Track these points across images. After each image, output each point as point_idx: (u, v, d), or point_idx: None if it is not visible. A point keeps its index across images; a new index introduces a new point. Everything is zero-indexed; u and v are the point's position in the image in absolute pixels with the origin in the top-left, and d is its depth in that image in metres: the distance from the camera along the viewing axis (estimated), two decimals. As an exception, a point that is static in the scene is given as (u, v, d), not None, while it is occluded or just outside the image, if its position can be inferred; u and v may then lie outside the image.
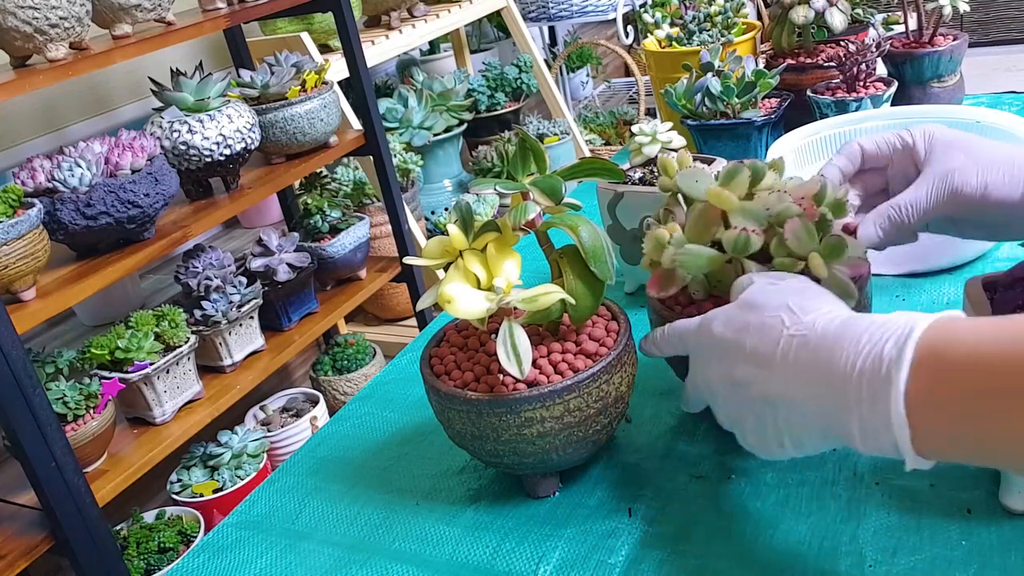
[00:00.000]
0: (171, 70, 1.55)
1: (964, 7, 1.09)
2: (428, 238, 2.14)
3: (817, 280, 0.57)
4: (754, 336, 0.51)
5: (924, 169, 0.63)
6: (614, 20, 3.03)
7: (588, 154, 2.79)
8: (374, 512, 0.69)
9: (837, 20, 1.18)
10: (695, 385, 0.58)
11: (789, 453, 0.51)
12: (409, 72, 2.64)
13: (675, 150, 0.83)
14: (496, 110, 2.78)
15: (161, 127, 1.50)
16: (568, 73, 3.45)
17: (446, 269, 0.62)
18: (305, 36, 1.95)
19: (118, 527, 1.58)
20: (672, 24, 1.32)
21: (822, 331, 0.47)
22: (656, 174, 0.87)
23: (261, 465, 1.73)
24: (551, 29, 3.59)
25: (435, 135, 2.49)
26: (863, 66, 1.08)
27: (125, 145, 1.37)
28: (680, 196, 0.66)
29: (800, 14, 1.17)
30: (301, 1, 1.74)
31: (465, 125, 2.61)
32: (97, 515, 1.26)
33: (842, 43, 1.21)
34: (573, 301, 0.61)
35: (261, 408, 1.97)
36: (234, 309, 1.60)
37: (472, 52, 3.04)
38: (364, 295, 1.94)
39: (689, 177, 0.62)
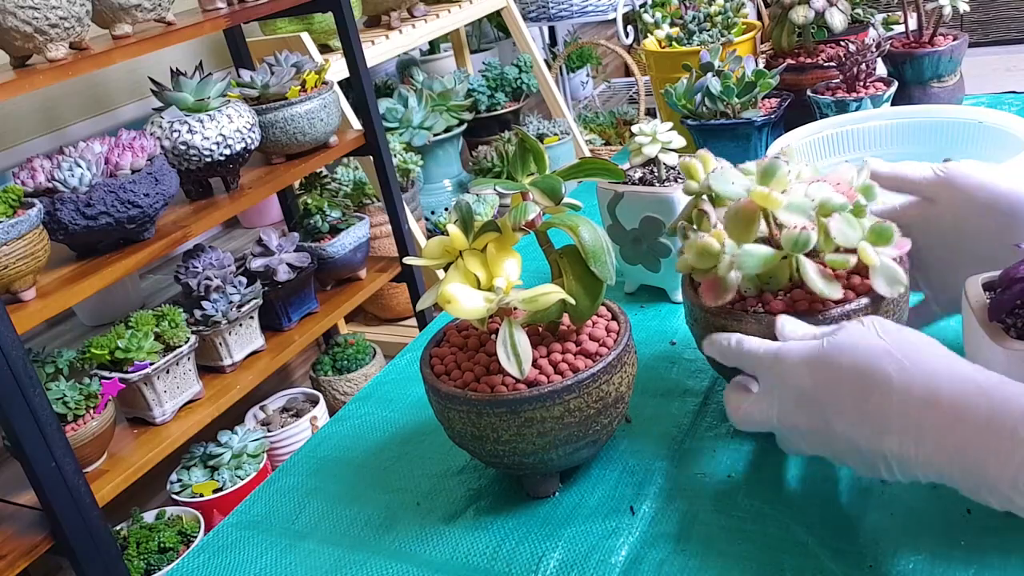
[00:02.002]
0: (171, 70, 1.55)
1: (964, 7, 1.09)
2: (428, 238, 2.14)
3: (865, 269, 0.59)
4: (857, 394, 0.50)
5: None
6: (614, 20, 3.03)
7: (588, 154, 2.79)
8: (374, 512, 0.69)
9: (837, 20, 1.18)
10: (763, 411, 0.56)
11: (893, 479, 0.50)
12: (409, 72, 2.64)
13: (675, 150, 0.83)
14: (496, 110, 2.78)
15: (161, 127, 1.50)
16: (568, 73, 3.45)
17: (446, 269, 0.62)
18: (305, 36, 1.95)
19: (118, 527, 1.58)
20: (672, 24, 1.32)
21: (949, 394, 0.46)
22: (655, 174, 0.87)
23: (261, 465, 1.73)
24: (551, 29, 3.59)
25: (435, 135, 2.49)
26: (863, 66, 1.07)
27: (125, 145, 1.37)
28: (706, 198, 0.66)
29: (800, 14, 1.17)
30: (301, 1, 1.74)
31: (465, 125, 2.61)
32: (97, 515, 1.26)
33: (842, 43, 1.21)
34: (573, 301, 0.61)
35: (261, 408, 1.97)
36: (234, 309, 1.60)
37: (472, 52, 3.04)
38: (364, 295, 1.94)
39: (723, 179, 0.62)
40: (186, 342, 1.50)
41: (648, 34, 1.31)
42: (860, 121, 0.98)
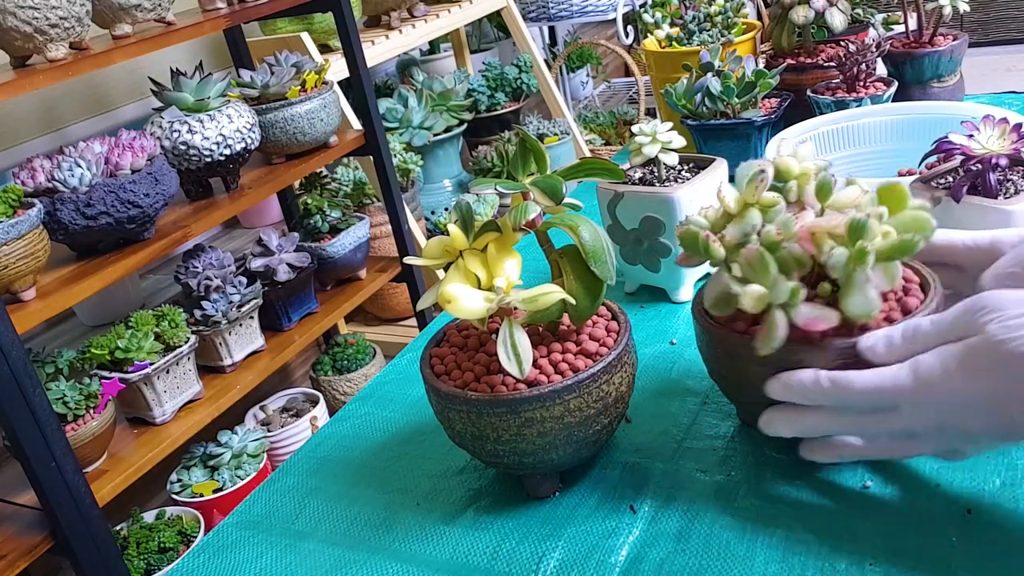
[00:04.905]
0: (171, 70, 1.55)
1: (964, 7, 1.09)
2: (428, 238, 2.14)
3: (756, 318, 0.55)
4: None
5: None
6: (614, 20, 3.03)
7: (588, 154, 2.79)
8: (374, 512, 0.69)
9: (837, 20, 1.18)
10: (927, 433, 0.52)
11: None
12: (409, 72, 2.64)
13: (675, 150, 0.83)
14: (496, 110, 2.78)
15: (161, 127, 1.50)
16: (568, 73, 3.45)
17: (446, 269, 0.62)
18: (305, 36, 1.95)
19: (118, 527, 1.58)
20: (672, 24, 1.32)
21: None
22: (655, 174, 0.87)
23: (261, 465, 1.73)
24: (551, 29, 3.59)
25: (435, 135, 2.49)
26: (863, 66, 1.08)
27: (125, 145, 1.37)
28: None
29: (800, 14, 1.17)
30: (301, 1, 1.74)
31: (465, 125, 2.61)
32: (97, 515, 1.26)
33: (842, 43, 1.21)
34: (573, 301, 0.61)
35: (261, 408, 1.97)
36: (234, 309, 1.60)
37: (472, 52, 3.04)
38: (364, 295, 1.94)
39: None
40: (186, 342, 1.50)
41: (648, 34, 1.31)
42: (855, 118, 0.98)
